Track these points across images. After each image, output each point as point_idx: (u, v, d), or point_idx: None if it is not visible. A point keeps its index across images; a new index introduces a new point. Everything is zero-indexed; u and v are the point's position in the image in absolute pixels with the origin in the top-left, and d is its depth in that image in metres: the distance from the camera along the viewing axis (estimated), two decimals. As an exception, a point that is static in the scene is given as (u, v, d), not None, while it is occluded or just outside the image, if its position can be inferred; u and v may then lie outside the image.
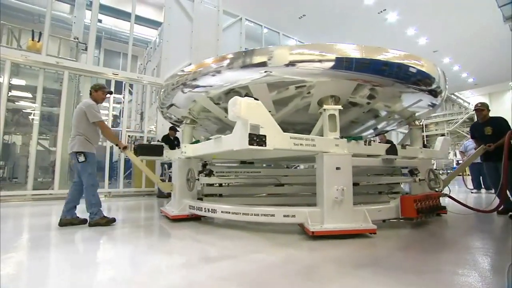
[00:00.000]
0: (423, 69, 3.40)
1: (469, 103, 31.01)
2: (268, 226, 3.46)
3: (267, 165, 6.03)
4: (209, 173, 4.47)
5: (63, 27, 10.32)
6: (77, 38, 8.90)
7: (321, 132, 3.35)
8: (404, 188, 5.43)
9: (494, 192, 4.61)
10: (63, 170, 6.99)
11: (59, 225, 3.53)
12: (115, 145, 4.19)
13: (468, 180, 8.50)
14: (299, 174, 5.62)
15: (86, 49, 8.12)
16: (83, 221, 3.65)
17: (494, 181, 4.47)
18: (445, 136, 5.90)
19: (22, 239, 3.11)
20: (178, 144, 6.93)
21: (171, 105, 4.51)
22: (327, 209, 2.98)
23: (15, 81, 7.98)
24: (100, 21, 11.73)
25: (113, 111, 12.43)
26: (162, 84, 4.91)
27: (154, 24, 13.13)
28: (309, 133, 3.34)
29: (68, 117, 6.54)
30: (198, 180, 4.24)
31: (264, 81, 3.25)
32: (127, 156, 4.58)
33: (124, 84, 8.92)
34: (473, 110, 5.31)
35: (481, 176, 7.95)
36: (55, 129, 7.44)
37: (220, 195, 4.58)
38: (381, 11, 13.75)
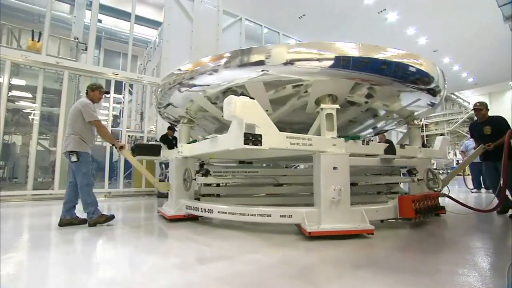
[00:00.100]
0: (422, 68, 3.37)
1: (469, 103, 30.95)
2: (266, 226, 3.43)
3: (267, 165, 6.00)
4: (206, 173, 4.44)
5: (63, 27, 10.34)
6: (77, 38, 8.92)
7: (319, 132, 3.33)
8: (404, 188, 5.40)
9: (493, 192, 4.59)
10: (63, 170, 6.99)
11: (59, 225, 3.54)
12: (111, 145, 4.16)
13: (469, 180, 8.49)
14: (298, 174, 5.57)
15: (86, 49, 8.13)
16: (83, 221, 3.65)
17: (493, 181, 4.45)
18: (444, 136, 5.88)
19: (22, 239, 3.12)
20: (177, 144, 6.92)
21: (168, 105, 4.48)
22: (324, 209, 2.96)
23: (15, 81, 7.99)
24: (100, 21, 11.74)
25: (113, 111, 12.41)
26: (159, 83, 4.87)
27: (154, 24, 13.13)
28: (307, 133, 3.32)
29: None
30: (195, 180, 4.21)
31: (261, 80, 3.22)
32: (124, 156, 4.56)
33: (124, 84, 8.92)
34: (472, 110, 5.29)
35: (482, 176, 7.93)
36: (55, 129, 7.45)
37: (218, 195, 4.55)
38: (381, 11, 13.75)
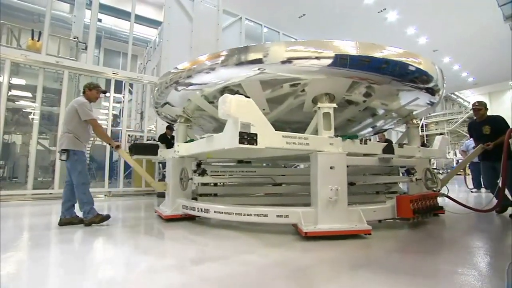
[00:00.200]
0: (421, 67, 3.35)
1: (469, 103, 30.98)
2: (263, 226, 3.38)
3: (267, 165, 5.98)
4: (202, 172, 4.41)
5: (63, 27, 10.34)
6: (77, 38, 8.92)
7: (316, 131, 3.30)
8: (403, 188, 5.38)
9: (491, 192, 4.56)
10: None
11: (59, 225, 3.54)
12: (108, 144, 4.13)
13: (469, 180, 8.48)
14: (296, 174, 5.51)
15: (86, 49, 8.13)
16: (83, 220, 3.66)
17: (491, 181, 4.41)
18: (443, 135, 5.86)
19: (22, 239, 3.12)
20: None
21: (165, 104, 4.43)
22: (321, 209, 2.92)
23: (15, 81, 7.99)
24: (100, 21, 11.72)
25: (113, 111, 12.41)
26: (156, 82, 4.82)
27: (154, 24, 13.12)
28: (305, 132, 3.30)
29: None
30: (192, 180, 4.17)
31: (258, 79, 3.17)
32: (121, 155, 4.52)
33: (124, 84, 8.92)
34: (471, 109, 5.27)
35: (482, 176, 7.91)
36: (55, 129, 7.46)
37: (215, 195, 4.52)
38: (381, 11, 13.75)
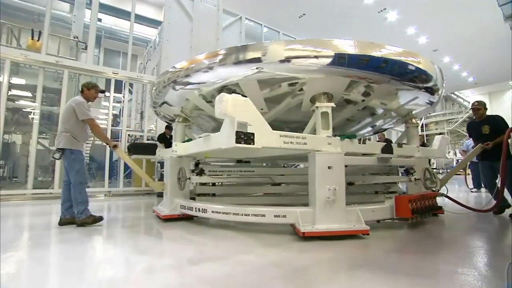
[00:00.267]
0: (420, 66, 3.33)
1: (469, 102, 30.97)
2: (261, 226, 3.37)
3: (266, 164, 5.96)
4: (200, 172, 4.39)
5: (63, 26, 10.34)
6: (77, 37, 8.92)
7: (314, 130, 3.28)
8: (402, 188, 5.36)
9: (489, 191, 4.54)
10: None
11: (59, 224, 3.54)
12: (105, 144, 4.12)
13: (469, 179, 8.46)
14: (294, 173, 5.46)
15: (86, 48, 8.13)
16: (75, 220, 3.63)
17: (490, 180, 4.40)
18: (443, 135, 5.84)
19: (22, 238, 3.12)
20: None
21: (163, 103, 4.41)
22: (319, 209, 2.90)
23: (15, 80, 7.98)
24: (100, 20, 11.72)
25: (113, 110, 12.41)
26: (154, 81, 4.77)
27: (154, 23, 13.12)
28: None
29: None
30: (190, 179, 4.14)
31: (256, 78, 3.15)
32: (118, 155, 4.49)
33: (124, 83, 8.91)
34: (470, 109, 5.26)
35: (480, 175, 7.90)
36: (55, 128, 7.43)
37: (213, 195, 4.50)
38: (381, 10, 13.75)
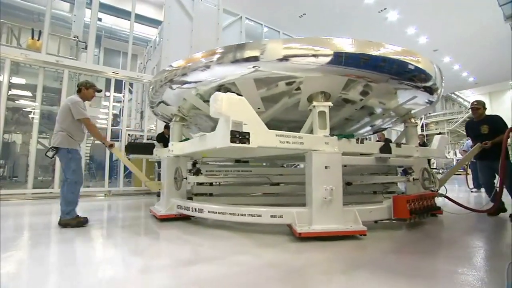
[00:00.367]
0: (419, 65, 3.32)
1: (469, 102, 30.96)
2: (258, 227, 3.33)
3: (266, 164, 5.95)
4: (197, 172, 4.36)
5: (63, 26, 10.33)
6: (77, 37, 8.91)
7: (311, 130, 3.26)
8: (402, 188, 5.33)
9: (486, 191, 4.52)
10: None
11: (59, 224, 3.51)
12: (102, 143, 4.11)
13: (470, 179, 8.45)
14: (293, 173, 5.41)
15: (86, 48, 8.12)
16: (60, 220, 3.60)
17: (488, 180, 4.39)
18: (442, 134, 5.82)
19: (22, 238, 3.12)
20: None
21: (160, 103, 4.38)
22: (316, 210, 2.88)
23: (15, 80, 7.97)
24: (100, 20, 11.72)
25: (113, 110, 12.41)
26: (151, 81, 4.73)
27: (154, 23, 13.12)
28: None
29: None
30: (186, 179, 4.12)
31: (254, 77, 3.11)
32: (115, 154, 4.46)
33: (124, 83, 8.90)
34: (469, 108, 5.26)
35: (478, 175, 7.88)
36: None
37: (211, 194, 4.47)
38: (381, 10, 13.75)
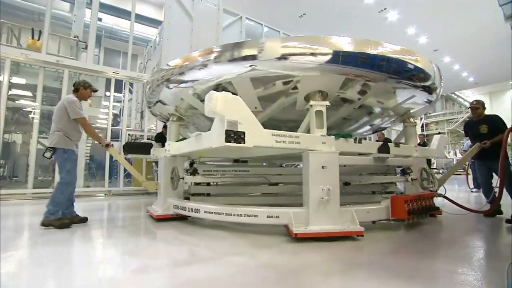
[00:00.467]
0: (418, 64, 3.29)
1: (469, 102, 30.94)
2: (254, 227, 3.30)
3: (265, 164, 5.92)
4: (194, 172, 4.34)
5: (63, 26, 10.34)
6: (77, 37, 8.90)
7: (309, 129, 3.23)
8: (401, 188, 5.30)
9: (484, 190, 4.50)
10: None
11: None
12: (98, 143, 4.07)
13: (470, 179, 8.45)
14: (291, 173, 5.34)
15: (86, 48, 8.12)
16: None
17: (486, 180, 4.36)
18: (442, 134, 5.81)
19: (22, 238, 3.13)
20: None
21: (157, 102, 4.36)
22: (313, 210, 2.85)
23: (15, 80, 7.98)
24: (100, 20, 11.72)
25: (113, 110, 12.40)
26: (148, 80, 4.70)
27: (154, 23, 13.11)
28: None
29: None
30: (183, 179, 4.09)
31: (251, 76, 3.09)
32: (111, 154, 4.45)
33: (124, 83, 8.89)
34: (468, 108, 5.25)
35: (477, 175, 7.87)
36: (55, 128, 7.42)
37: (208, 194, 4.45)
38: (382, 10, 13.76)
